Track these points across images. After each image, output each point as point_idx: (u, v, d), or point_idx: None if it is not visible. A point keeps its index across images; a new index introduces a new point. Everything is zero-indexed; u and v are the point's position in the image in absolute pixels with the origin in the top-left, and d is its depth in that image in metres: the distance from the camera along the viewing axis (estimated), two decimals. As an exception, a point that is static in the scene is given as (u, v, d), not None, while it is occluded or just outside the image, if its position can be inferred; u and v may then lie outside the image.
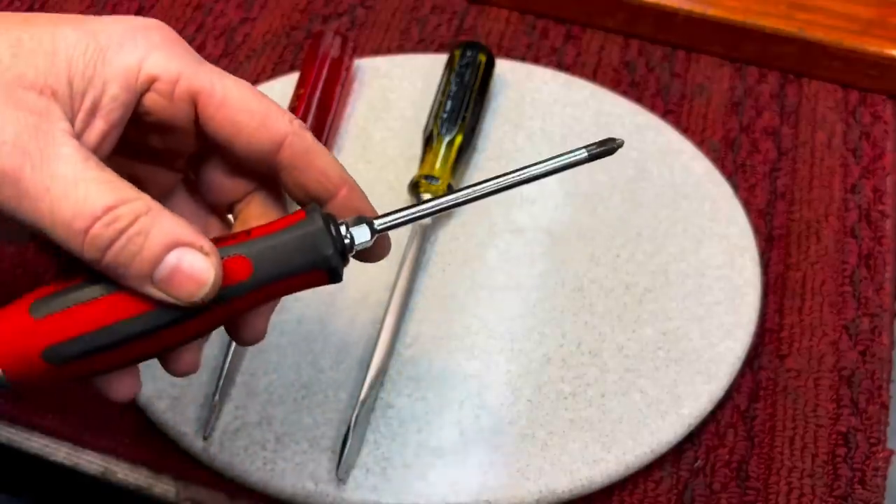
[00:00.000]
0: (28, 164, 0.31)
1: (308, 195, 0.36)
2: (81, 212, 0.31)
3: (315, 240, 0.34)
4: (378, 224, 0.36)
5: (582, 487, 0.49)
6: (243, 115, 0.35)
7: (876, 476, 0.50)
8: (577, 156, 0.36)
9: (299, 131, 0.36)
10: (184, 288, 0.32)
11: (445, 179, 0.58)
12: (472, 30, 0.70)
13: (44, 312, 0.32)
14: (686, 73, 0.68)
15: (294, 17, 0.71)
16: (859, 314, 0.56)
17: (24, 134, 0.31)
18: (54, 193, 0.31)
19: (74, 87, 0.33)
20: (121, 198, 0.31)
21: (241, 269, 0.33)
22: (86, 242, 0.31)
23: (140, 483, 0.50)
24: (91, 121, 0.34)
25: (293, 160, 0.36)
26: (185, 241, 0.32)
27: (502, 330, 0.54)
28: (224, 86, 0.35)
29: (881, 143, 0.64)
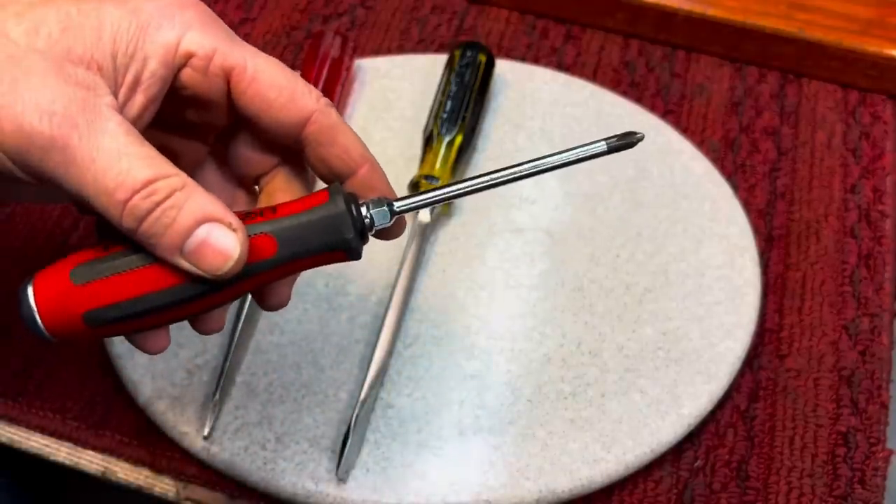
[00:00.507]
0: (76, 135, 0.33)
1: (330, 171, 0.38)
2: (123, 183, 0.33)
3: (337, 222, 0.36)
4: (397, 206, 0.37)
5: (582, 487, 0.49)
6: (273, 91, 0.36)
7: (876, 476, 0.50)
8: (596, 148, 0.37)
9: (325, 109, 0.37)
10: (211, 261, 0.34)
11: (445, 179, 0.58)
12: (472, 30, 0.70)
13: (84, 279, 0.34)
14: (686, 74, 0.68)
15: (294, 17, 0.71)
16: (859, 314, 0.56)
17: (73, 106, 0.33)
18: (99, 164, 0.33)
19: (118, 63, 0.35)
20: (159, 173, 0.33)
21: (267, 246, 0.35)
22: (125, 212, 0.33)
23: (140, 483, 0.50)
24: (132, 95, 0.35)
25: (318, 136, 0.37)
26: (215, 216, 0.34)
27: (502, 330, 0.54)
28: (256, 63, 0.36)
29: (881, 143, 0.64)
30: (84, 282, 0.34)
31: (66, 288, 0.34)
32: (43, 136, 0.32)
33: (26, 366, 0.53)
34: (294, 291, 0.55)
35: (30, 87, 0.33)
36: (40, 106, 0.33)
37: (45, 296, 0.34)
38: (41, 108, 0.33)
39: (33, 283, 0.35)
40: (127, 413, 0.52)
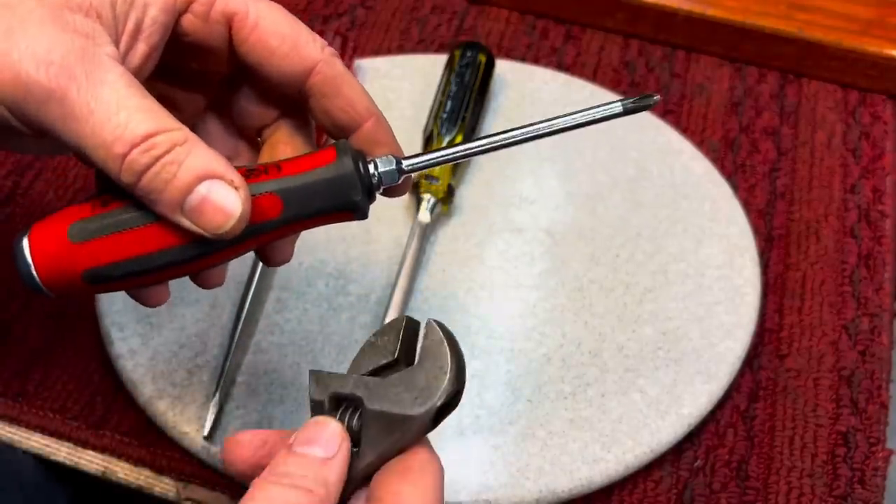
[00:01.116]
0: (74, 86, 0.31)
1: (335, 124, 0.37)
2: (121, 137, 0.31)
3: (345, 183, 0.35)
4: (406, 164, 0.37)
5: (582, 487, 0.49)
6: (275, 39, 0.35)
7: (875, 476, 0.50)
8: (612, 109, 0.36)
9: (330, 59, 0.36)
10: (212, 219, 0.32)
11: (445, 179, 0.58)
12: (472, 30, 0.70)
13: (82, 237, 0.33)
14: (686, 74, 0.68)
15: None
16: (859, 314, 0.56)
17: (71, 55, 0.32)
18: (97, 117, 0.31)
19: (118, 10, 0.34)
20: (160, 126, 0.32)
21: (272, 206, 0.34)
22: (123, 167, 0.32)
23: (140, 483, 0.50)
24: (133, 43, 0.34)
25: (322, 87, 0.36)
26: (217, 173, 0.33)
27: (502, 330, 0.54)
28: (258, 8, 0.35)
29: (881, 143, 0.64)
30: (82, 240, 0.33)
31: (63, 245, 0.33)
32: (40, 86, 0.31)
33: (26, 366, 0.53)
34: (294, 291, 0.55)
35: (26, 35, 0.32)
36: (37, 55, 0.31)
37: (42, 252, 0.33)
38: (38, 58, 0.31)
39: (29, 236, 0.34)
40: (127, 413, 0.52)
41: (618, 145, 0.62)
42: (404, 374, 0.34)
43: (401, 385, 0.34)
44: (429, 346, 0.34)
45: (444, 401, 0.33)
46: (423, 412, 0.33)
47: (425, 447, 0.34)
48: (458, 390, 0.34)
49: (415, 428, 0.33)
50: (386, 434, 0.34)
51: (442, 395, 0.33)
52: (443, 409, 0.33)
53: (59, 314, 0.55)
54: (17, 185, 0.60)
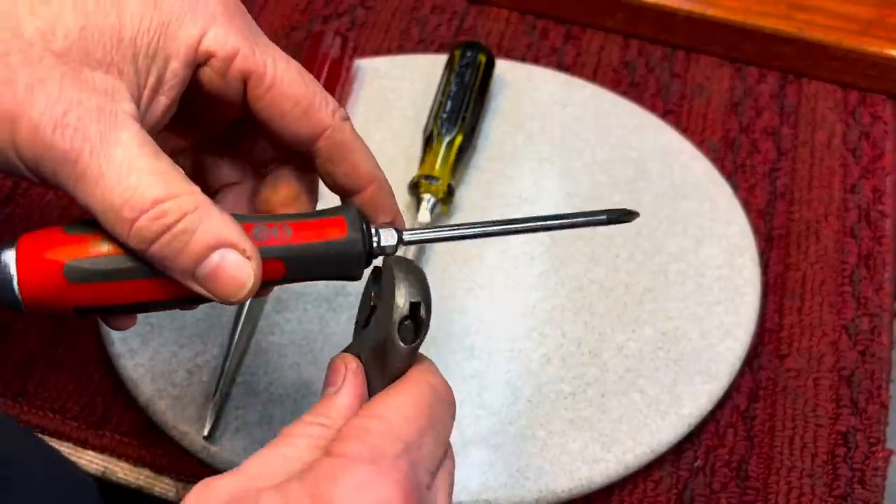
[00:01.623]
0: (87, 148, 0.31)
1: (336, 185, 0.38)
2: (130, 201, 0.31)
3: (351, 260, 0.36)
4: (406, 238, 0.38)
5: (582, 487, 0.49)
6: (289, 102, 0.35)
7: (875, 476, 0.50)
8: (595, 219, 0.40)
9: (339, 125, 0.36)
10: (225, 288, 0.33)
11: (445, 179, 0.58)
12: (472, 30, 0.70)
13: (81, 279, 0.33)
14: (686, 74, 0.68)
15: (294, 17, 0.71)
16: (859, 314, 0.56)
17: (87, 116, 0.31)
18: (107, 180, 0.31)
19: (139, 65, 0.33)
20: (170, 192, 0.32)
21: (275, 270, 0.35)
22: (131, 233, 0.32)
23: (140, 483, 0.50)
24: (155, 97, 0.34)
25: (328, 152, 0.37)
26: (230, 241, 0.33)
27: (502, 330, 0.54)
28: (276, 68, 0.35)
29: (881, 143, 0.64)
30: (79, 281, 0.33)
31: (58, 282, 0.33)
32: (56, 149, 0.31)
33: (26, 366, 0.53)
34: (294, 291, 0.55)
35: (45, 94, 0.31)
36: (55, 117, 0.31)
37: (32, 281, 0.33)
38: (56, 120, 0.31)
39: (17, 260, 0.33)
40: (127, 413, 0.52)
41: (618, 145, 0.62)
42: (377, 315, 0.36)
43: (375, 326, 0.36)
44: (384, 279, 0.36)
45: (399, 317, 0.34)
46: (386, 335, 0.34)
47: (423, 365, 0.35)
48: (413, 301, 0.34)
49: (391, 354, 0.35)
50: (375, 370, 0.35)
51: (397, 313, 0.34)
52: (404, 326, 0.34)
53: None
54: (18, 185, 0.60)
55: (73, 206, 0.60)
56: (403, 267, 0.35)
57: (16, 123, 0.31)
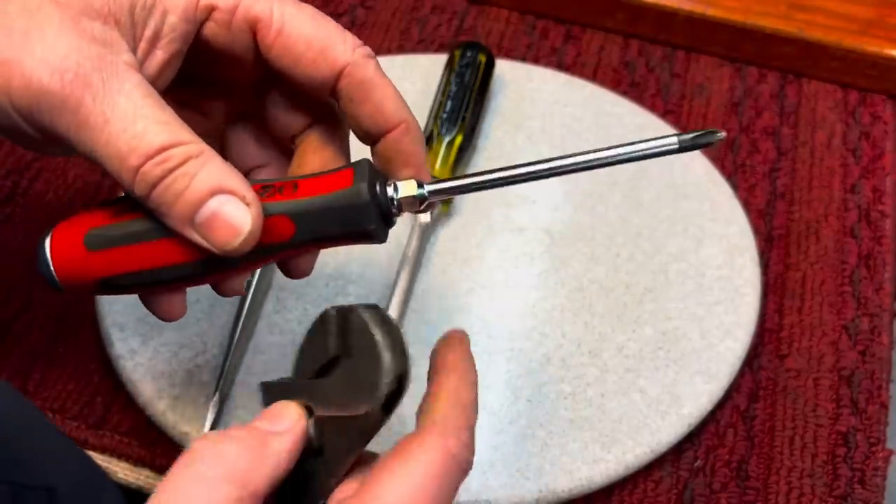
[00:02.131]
0: (90, 94, 0.31)
1: (362, 130, 0.35)
2: (136, 148, 0.31)
3: (359, 211, 0.34)
4: (429, 190, 0.35)
5: (582, 487, 0.49)
6: (301, 44, 0.34)
7: (875, 476, 0.50)
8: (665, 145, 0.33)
9: (361, 60, 0.34)
10: (221, 234, 0.32)
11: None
12: (472, 30, 0.70)
13: (97, 245, 0.33)
14: (686, 74, 0.68)
15: (294, 17, 0.71)
16: (859, 314, 0.56)
17: (88, 63, 0.31)
18: (113, 127, 0.31)
19: (136, 17, 0.33)
20: (176, 139, 0.31)
21: (284, 228, 0.34)
22: (137, 178, 0.31)
23: (140, 483, 0.50)
24: (151, 51, 0.33)
25: (350, 91, 0.35)
26: (229, 188, 0.32)
27: (502, 330, 0.54)
28: (283, 12, 0.34)
29: (881, 143, 0.64)
30: (97, 248, 0.33)
31: (80, 252, 0.33)
32: (53, 94, 0.31)
33: (26, 366, 0.53)
34: (294, 291, 0.55)
35: (42, 41, 0.31)
36: (52, 62, 0.31)
37: (61, 256, 0.34)
38: (52, 65, 0.30)
39: (51, 239, 0.34)
40: (127, 413, 0.52)
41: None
42: (344, 370, 0.33)
43: (343, 384, 0.33)
44: (358, 336, 0.33)
45: (388, 391, 0.32)
46: (370, 410, 0.32)
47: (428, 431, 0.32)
48: (399, 374, 0.32)
49: (369, 425, 0.33)
50: (344, 437, 0.33)
51: (383, 388, 0.32)
52: (390, 399, 0.33)
53: (60, 314, 0.55)
54: (17, 185, 0.60)
55: (73, 205, 0.60)
56: (382, 329, 0.33)
57: (9, 69, 0.31)
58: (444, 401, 0.33)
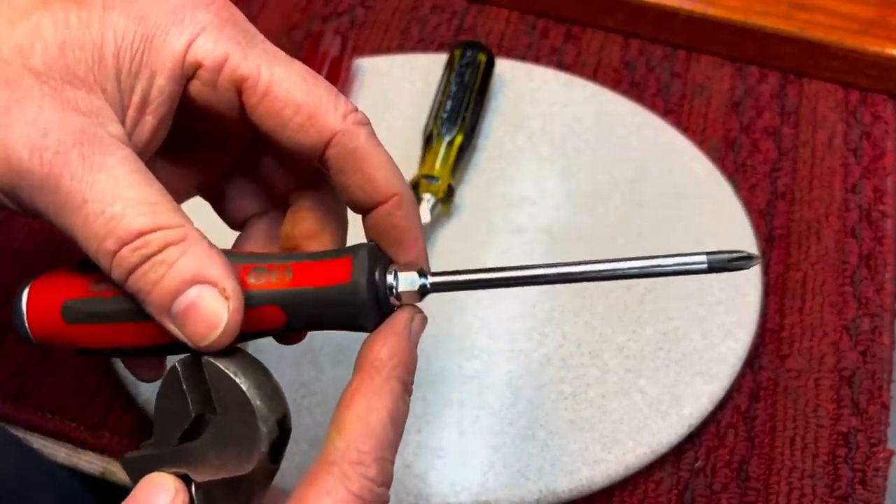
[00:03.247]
0: (68, 173, 0.29)
1: (352, 201, 0.33)
2: (113, 231, 0.29)
3: (355, 310, 0.31)
4: (431, 283, 0.32)
5: (582, 488, 0.49)
6: (289, 109, 0.32)
7: (876, 476, 0.50)
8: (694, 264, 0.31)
9: (351, 129, 0.32)
10: (197, 328, 0.30)
11: (445, 179, 0.57)
12: (472, 29, 0.70)
13: (76, 320, 0.32)
14: (686, 73, 0.68)
15: (294, 16, 0.71)
16: (860, 314, 0.56)
17: (69, 139, 0.29)
18: (90, 207, 0.29)
19: (122, 83, 0.31)
20: (155, 223, 0.29)
21: (275, 317, 0.32)
22: (113, 263, 0.30)
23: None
24: (140, 118, 0.32)
25: (339, 161, 0.32)
26: (209, 279, 0.30)
27: (502, 330, 0.54)
28: (271, 73, 0.32)
29: (881, 142, 0.64)
30: (75, 322, 0.32)
31: (57, 322, 0.32)
32: (32, 174, 0.29)
33: (25, 366, 0.53)
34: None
35: (23, 116, 0.29)
36: (32, 140, 0.29)
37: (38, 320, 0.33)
38: (32, 143, 0.29)
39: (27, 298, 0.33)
40: (126, 413, 0.52)
41: (618, 145, 0.62)
42: (215, 428, 0.31)
43: (218, 443, 0.31)
44: (218, 387, 0.31)
45: (271, 441, 0.30)
46: (254, 466, 0.30)
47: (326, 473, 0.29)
48: (279, 419, 0.30)
49: (260, 480, 0.30)
50: (233, 500, 0.31)
51: (265, 439, 0.30)
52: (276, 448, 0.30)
53: (59, 314, 0.55)
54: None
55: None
56: (245, 373, 0.30)
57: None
58: (349, 423, 0.30)
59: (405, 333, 0.32)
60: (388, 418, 0.30)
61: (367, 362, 0.31)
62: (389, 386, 0.31)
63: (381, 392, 0.30)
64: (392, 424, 0.30)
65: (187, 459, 0.31)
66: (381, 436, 0.30)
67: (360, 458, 0.29)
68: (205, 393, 0.31)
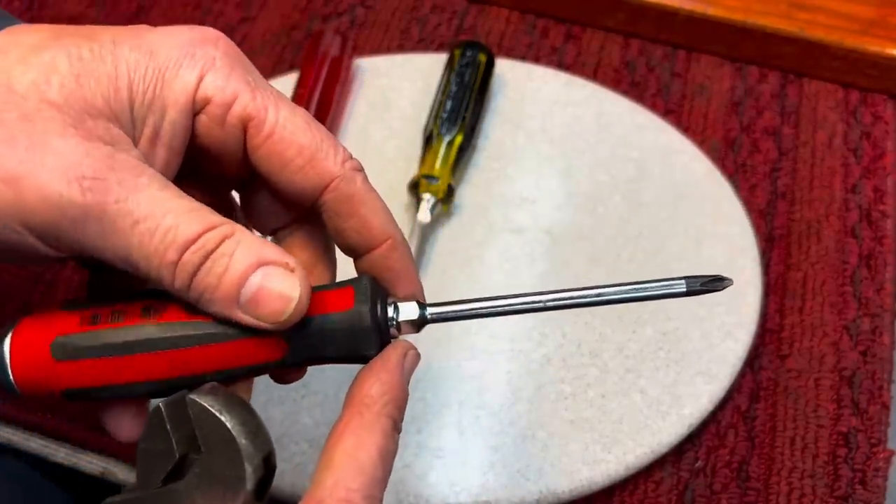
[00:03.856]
0: (111, 198, 0.29)
1: (346, 244, 0.34)
2: (173, 242, 0.30)
3: (359, 338, 0.32)
4: (430, 314, 0.33)
5: (582, 488, 0.49)
6: (291, 151, 0.33)
7: (877, 476, 0.50)
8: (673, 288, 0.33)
9: (349, 174, 0.33)
10: (270, 307, 0.30)
11: (445, 179, 0.57)
12: (472, 29, 0.70)
13: (65, 356, 0.31)
14: (686, 73, 0.68)
15: (294, 16, 0.71)
16: (860, 314, 0.56)
17: (101, 166, 0.29)
18: (143, 227, 0.29)
19: (135, 115, 0.31)
20: (208, 224, 0.30)
21: (274, 349, 0.32)
22: (177, 273, 0.30)
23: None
24: (152, 150, 0.32)
25: (335, 205, 0.33)
26: (270, 259, 0.30)
27: (502, 330, 0.54)
28: (278, 115, 0.33)
29: (882, 143, 0.64)
30: (65, 358, 0.31)
31: (45, 361, 0.31)
32: (75, 205, 0.29)
33: (25, 366, 0.53)
34: (294, 291, 0.55)
35: (51, 149, 0.29)
36: (67, 172, 0.28)
37: (23, 363, 0.31)
38: (69, 174, 0.28)
39: (12, 339, 0.31)
40: (126, 413, 0.52)
41: (618, 145, 0.62)
42: (199, 468, 0.30)
43: (202, 484, 0.30)
44: (202, 426, 0.30)
45: (257, 479, 0.30)
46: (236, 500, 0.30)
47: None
48: (264, 457, 0.30)
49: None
50: None
51: (250, 478, 0.30)
52: (261, 486, 0.30)
53: (59, 314, 0.55)
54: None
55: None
56: (228, 410, 0.30)
57: (21, 186, 0.28)
58: (337, 460, 0.30)
59: (398, 370, 0.32)
60: (378, 456, 0.30)
61: (357, 398, 0.31)
62: (380, 423, 0.31)
63: (372, 429, 0.30)
64: (381, 462, 0.30)
65: (171, 501, 0.31)
66: (371, 473, 0.30)
67: (349, 496, 0.29)
68: (189, 433, 0.31)
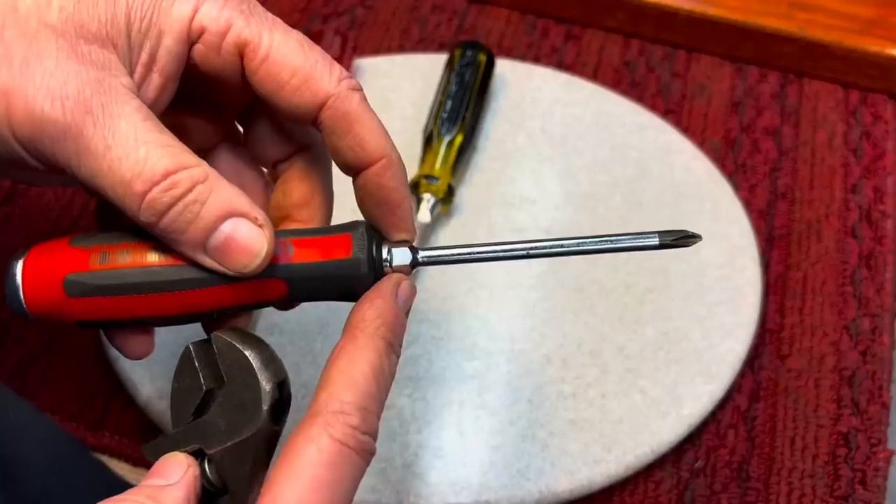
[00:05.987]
0: (90, 121, 0.30)
1: (343, 162, 0.35)
2: (141, 174, 0.30)
3: (357, 282, 0.34)
4: (421, 257, 0.35)
5: (582, 488, 0.49)
6: (286, 71, 0.33)
7: (877, 476, 0.50)
8: (647, 241, 0.36)
9: (345, 93, 0.34)
10: (236, 258, 0.32)
11: (445, 179, 0.57)
12: (473, 29, 0.70)
13: (78, 292, 0.33)
14: (686, 73, 0.68)
15: (294, 16, 0.71)
16: (860, 314, 0.56)
17: (87, 89, 0.31)
18: (115, 153, 0.30)
19: (132, 40, 0.33)
20: (180, 163, 0.31)
21: (277, 289, 0.34)
22: (143, 206, 0.31)
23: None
24: (148, 75, 0.33)
25: (332, 123, 0.34)
26: (241, 211, 0.32)
27: (502, 330, 0.54)
28: (272, 38, 0.34)
29: (882, 142, 0.64)
30: (78, 295, 0.33)
31: (58, 295, 0.33)
32: (55, 123, 0.30)
33: (25, 365, 0.53)
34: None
35: (42, 68, 0.31)
36: (52, 90, 0.30)
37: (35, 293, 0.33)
38: (53, 93, 0.30)
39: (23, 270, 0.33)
40: (126, 413, 0.52)
41: (618, 145, 0.62)
42: (223, 399, 0.33)
43: (226, 413, 0.33)
44: (226, 360, 0.33)
45: (272, 401, 0.32)
46: (258, 426, 0.32)
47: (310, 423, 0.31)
48: (278, 382, 0.32)
49: (263, 443, 0.32)
50: (242, 465, 0.32)
51: (266, 400, 0.32)
52: (276, 409, 0.32)
53: (59, 314, 0.55)
54: (17, 185, 0.60)
55: (72, 206, 0.59)
56: (248, 344, 0.33)
57: (10, 99, 0.30)
58: (332, 377, 0.32)
59: (391, 297, 0.34)
60: (371, 372, 0.32)
61: (352, 324, 0.33)
62: (373, 342, 0.32)
63: (365, 348, 0.32)
64: (375, 378, 0.32)
65: (199, 433, 0.33)
66: (363, 388, 0.31)
67: (342, 407, 0.31)
68: (215, 368, 0.33)
